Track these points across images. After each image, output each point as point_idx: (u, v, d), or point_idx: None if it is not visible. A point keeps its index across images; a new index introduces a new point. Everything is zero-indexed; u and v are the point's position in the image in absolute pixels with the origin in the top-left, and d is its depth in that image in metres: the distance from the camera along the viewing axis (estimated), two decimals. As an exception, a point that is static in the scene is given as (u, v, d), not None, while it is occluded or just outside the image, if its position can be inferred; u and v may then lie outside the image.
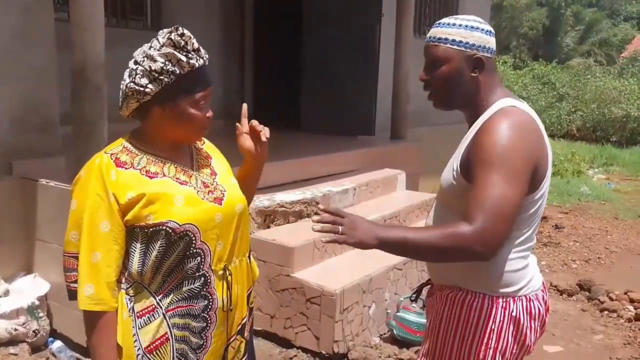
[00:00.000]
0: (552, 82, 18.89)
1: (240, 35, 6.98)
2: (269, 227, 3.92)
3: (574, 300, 4.76)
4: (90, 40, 3.24)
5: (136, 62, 1.65)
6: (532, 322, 1.72)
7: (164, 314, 1.61)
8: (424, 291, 2.07)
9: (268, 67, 7.31)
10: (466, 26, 1.69)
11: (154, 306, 1.61)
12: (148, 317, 1.61)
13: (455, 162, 1.71)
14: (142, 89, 1.59)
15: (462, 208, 1.57)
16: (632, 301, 4.54)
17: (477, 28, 1.68)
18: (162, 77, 1.58)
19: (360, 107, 6.31)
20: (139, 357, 1.62)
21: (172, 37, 1.60)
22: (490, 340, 1.70)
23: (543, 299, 1.77)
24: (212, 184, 1.77)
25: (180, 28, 1.60)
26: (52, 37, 3.70)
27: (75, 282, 1.65)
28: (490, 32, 1.73)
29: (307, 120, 6.69)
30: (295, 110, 6.76)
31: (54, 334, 3.52)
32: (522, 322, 1.70)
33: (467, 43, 1.68)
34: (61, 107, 3.76)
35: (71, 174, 3.40)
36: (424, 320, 3.75)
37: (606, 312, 4.46)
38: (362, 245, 1.54)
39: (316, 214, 1.57)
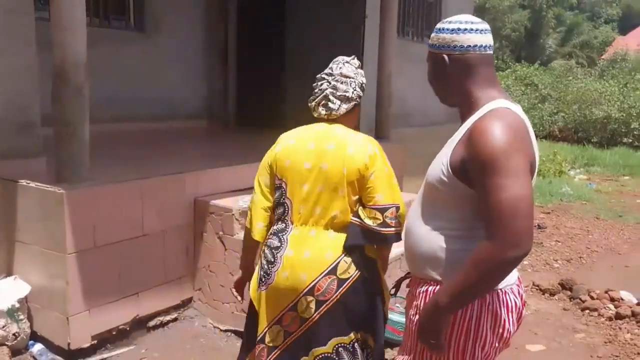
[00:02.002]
0: (534, 84, 19.07)
1: (224, 35, 6.94)
2: (252, 228, 3.91)
3: (556, 299, 4.80)
4: (71, 40, 3.21)
5: (348, 76, 2.30)
6: (509, 314, 1.76)
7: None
8: (404, 285, 2.11)
9: (252, 67, 7.27)
10: (437, 29, 1.80)
11: None
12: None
13: (444, 158, 1.73)
14: (360, 95, 2.34)
15: (443, 200, 1.72)
16: (612, 300, 4.60)
17: (444, 29, 1.77)
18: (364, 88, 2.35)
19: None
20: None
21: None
22: (469, 333, 1.73)
23: (519, 292, 1.81)
24: None
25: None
26: (33, 37, 3.66)
27: None
28: (461, 29, 1.75)
29: (291, 120, 6.66)
30: (279, 111, 6.74)
31: (35, 337, 3.47)
32: (499, 314, 1.74)
33: (433, 45, 1.81)
34: (42, 108, 3.72)
35: (52, 175, 3.38)
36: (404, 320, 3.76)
37: (587, 311, 4.51)
38: (440, 333, 1.68)
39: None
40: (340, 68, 2.31)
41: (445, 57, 1.76)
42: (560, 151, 12.96)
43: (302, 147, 2.26)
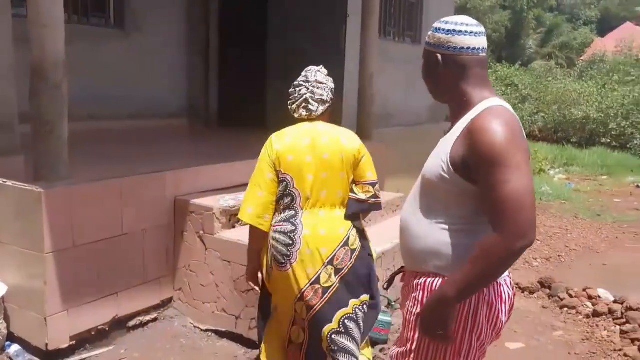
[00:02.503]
0: (515, 84, 19.26)
1: (206, 32, 6.90)
2: (234, 227, 3.90)
3: (535, 297, 4.86)
4: (50, 37, 3.17)
5: (322, 82, 2.75)
6: (503, 305, 1.83)
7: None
8: (397, 281, 2.13)
9: (234, 65, 7.24)
10: (435, 28, 1.84)
11: None
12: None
13: (444, 156, 1.78)
14: (332, 97, 2.80)
15: (444, 196, 1.78)
16: (590, 298, 4.66)
17: (440, 29, 1.82)
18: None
19: (326, 108, 6.30)
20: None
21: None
22: (466, 324, 1.78)
23: (511, 284, 1.89)
24: None
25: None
26: (10, 34, 3.61)
27: None
28: (456, 31, 1.80)
29: (272, 120, 6.66)
30: (261, 109, 6.72)
31: (12, 338, 3.42)
32: (494, 305, 1.81)
33: (429, 43, 1.87)
34: (20, 106, 3.66)
35: (30, 174, 3.34)
36: (389, 319, 3.78)
37: (566, 309, 4.57)
38: (449, 324, 1.72)
39: None
40: (315, 76, 2.75)
41: (439, 56, 1.82)
42: (540, 151, 13.12)
43: (298, 143, 2.64)
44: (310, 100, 2.70)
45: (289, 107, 2.76)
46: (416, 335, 1.85)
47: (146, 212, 3.76)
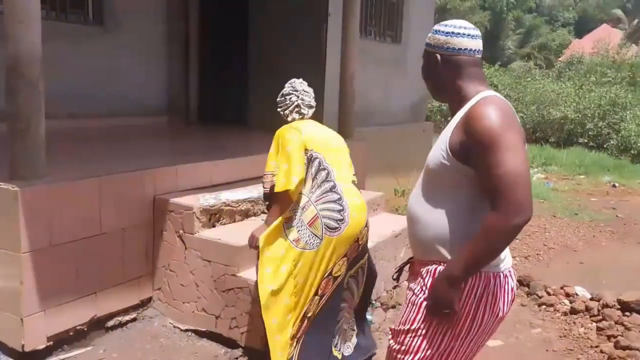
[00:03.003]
0: (494, 84, 19.40)
1: (185, 29, 6.85)
2: (214, 226, 3.88)
3: (513, 295, 4.90)
4: (26, 34, 3.12)
5: (307, 91, 3.32)
6: (506, 296, 1.93)
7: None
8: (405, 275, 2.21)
9: (214, 62, 7.21)
10: (435, 30, 1.98)
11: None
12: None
13: (443, 144, 1.88)
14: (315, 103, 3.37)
15: (448, 183, 1.88)
16: (567, 295, 4.72)
17: (440, 31, 1.95)
18: None
19: (307, 106, 6.31)
20: (302, 230, 2.99)
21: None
22: (469, 312, 1.88)
23: (514, 276, 1.98)
24: None
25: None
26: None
27: None
28: (454, 33, 1.93)
29: (254, 117, 6.64)
30: (243, 107, 6.70)
31: (-13, 339, 3.37)
32: (497, 296, 1.90)
33: (428, 44, 2.00)
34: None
35: (6, 172, 3.28)
36: (369, 317, 3.79)
37: (544, 307, 4.62)
38: (454, 301, 1.83)
39: (263, 212, 1.68)
40: (301, 85, 3.30)
41: (438, 56, 1.95)
42: (519, 151, 13.21)
43: (318, 132, 3.19)
44: (302, 106, 3.24)
45: (282, 112, 3.25)
46: (417, 317, 1.95)
47: (125, 211, 3.73)
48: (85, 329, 3.58)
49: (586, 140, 15.83)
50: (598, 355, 3.81)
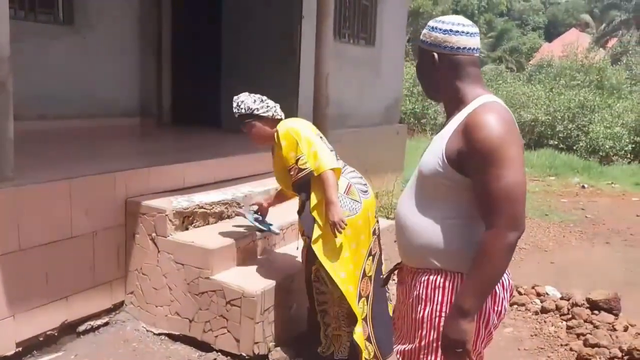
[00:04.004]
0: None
1: (158, 29, 6.78)
2: (187, 228, 3.85)
3: (486, 295, 4.96)
4: (-6, 33, 3.06)
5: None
6: (505, 292, 1.91)
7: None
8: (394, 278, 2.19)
9: (187, 63, 7.14)
10: (431, 27, 1.89)
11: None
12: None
13: (439, 151, 1.83)
14: None
15: (442, 190, 1.83)
16: (538, 295, 4.79)
17: (437, 28, 1.87)
18: None
19: (282, 109, 6.29)
20: (342, 200, 3.20)
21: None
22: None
23: (508, 272, 1.94)
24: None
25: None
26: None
27: None
28: (452, 31, 1.85)
29: (228, 119, 6.59)
30: (216, 109, 6.65)
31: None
32: (497, 293, 1.87)
33: (424, 42, 1.91)
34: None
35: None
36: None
37: (515, 306, 4.68)
38: (469, 339, 1.75)
39: (237, 215, 1.64)
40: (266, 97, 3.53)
41: (436, 55, 1.87)
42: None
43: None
44: (278, 110, 3.50)
45: (270, 114, 3.44)
46: (423, 333, 1.89)
47: (96, 214, 3.67)
48: (56, 334, 3.52)
49: (556, 142, 16.10)
50: (568, 353, 3.88)
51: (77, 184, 3.56)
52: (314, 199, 3.21)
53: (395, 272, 2.15)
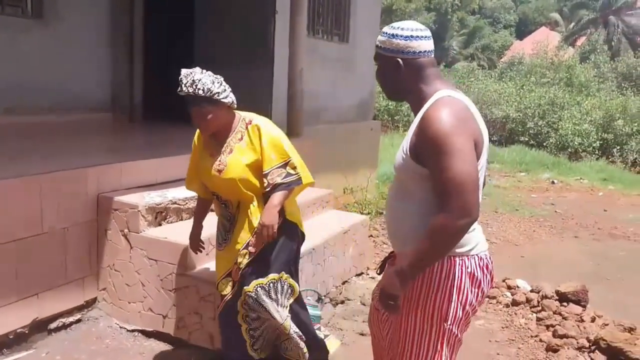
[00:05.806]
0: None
1: (129, 22, 6.67)
2: (160, 224, 3.82)
3: (458, 289, 5.03)
4: (-39, 25, 3.00)
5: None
6: (484, 276, 2.05)
7: None
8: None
9: (159, 56, 7.06)
10: (390, 34, 2.00)
11: None
12: None
13: (404, 145, 1.99)
14: None
15: (410, 182, 1.98)
16: (509, 288, 4.88)
17: (397, 35, 1.99)
18: None
19: (256, 105, 6.26)
20: None
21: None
22: (452, 295, 1.99)
23: (488, 257, 2.10)
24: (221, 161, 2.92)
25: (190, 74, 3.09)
26: None
27: None
28: (413, 37, 1.98)
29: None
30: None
31: None
32: (476, 276, 2.01)
33: (386, 49, 2.02)
34: None
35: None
36: (318, 312, 3.82)
37: (487, 299, 4.76)
38: (399, 296, 1.94)
39: (211, 210, 1.70)
40: None
41: (400, 60, 1.99)
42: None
43: None
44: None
45: (230, 100, 2.99)
46: (402, 312, 2.03)
47: (67, 209, 3.62)
48: (27, 332, 3.47)
49: (527, 139, 16.37)
50: (537, 344, 3.97)
51: (48, 180, 3.50)
52: (288, 206, 3.01)
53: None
